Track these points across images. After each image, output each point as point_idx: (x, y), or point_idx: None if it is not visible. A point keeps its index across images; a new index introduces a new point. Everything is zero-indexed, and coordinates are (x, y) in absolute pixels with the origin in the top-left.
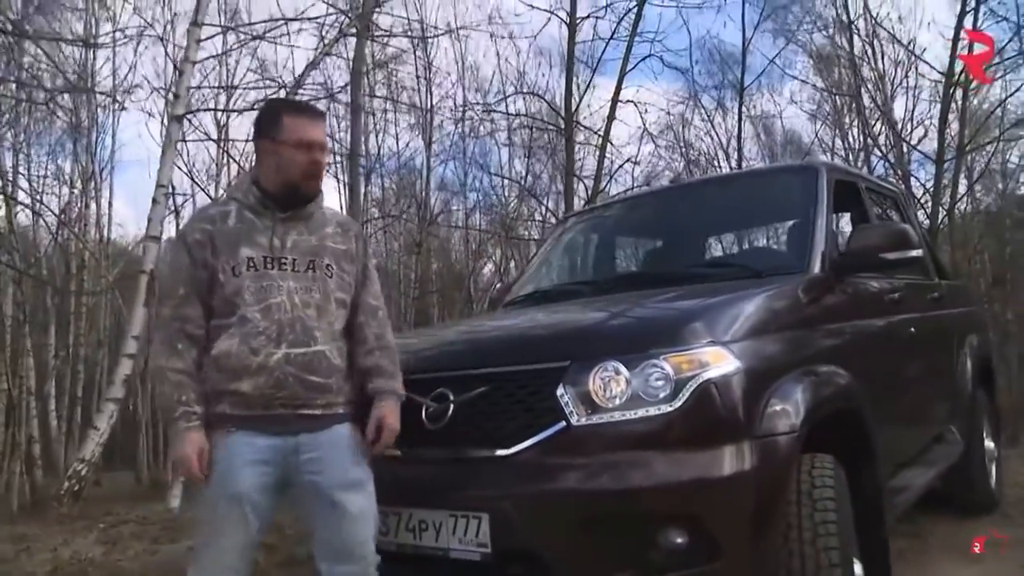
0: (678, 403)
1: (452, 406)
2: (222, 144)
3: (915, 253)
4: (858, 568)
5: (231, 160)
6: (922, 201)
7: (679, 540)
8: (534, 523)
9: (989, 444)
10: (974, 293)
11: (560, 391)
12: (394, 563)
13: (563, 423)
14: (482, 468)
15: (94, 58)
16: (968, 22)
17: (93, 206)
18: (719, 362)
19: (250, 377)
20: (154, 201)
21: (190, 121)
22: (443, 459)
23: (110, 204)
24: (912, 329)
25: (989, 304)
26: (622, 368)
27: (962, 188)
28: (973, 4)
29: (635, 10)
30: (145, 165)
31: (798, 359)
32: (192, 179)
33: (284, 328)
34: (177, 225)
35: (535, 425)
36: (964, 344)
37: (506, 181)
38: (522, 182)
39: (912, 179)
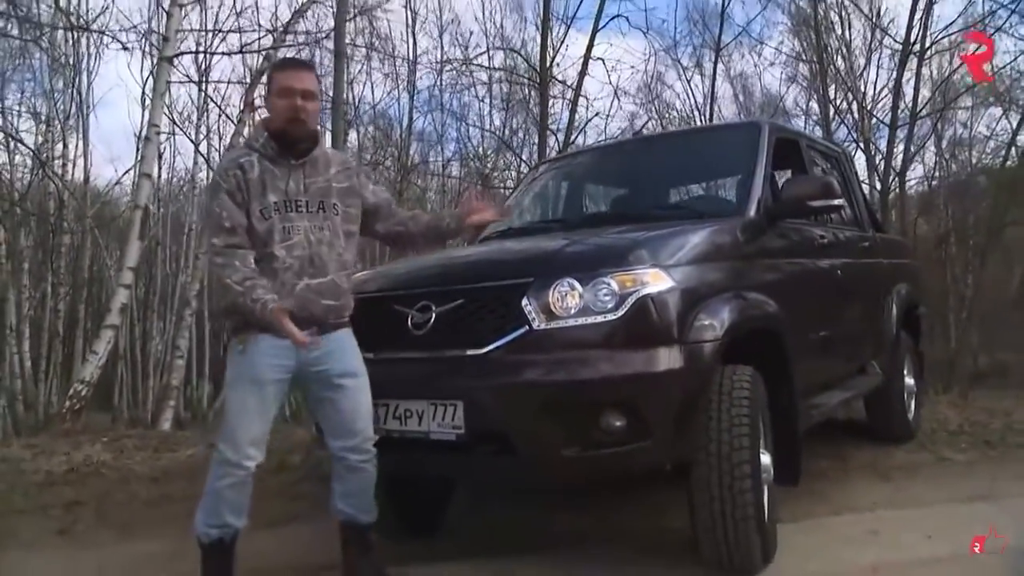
0: (621, 312)
1: (434, 315)
2: (203, 87)
3: (837, 202)
4: (766, 458)
5: (211, 103)
6: (877, 164)
7: (617, 423)
8: (501, 408)
9: (909, 381)
10: (907, 248)
11: (524, 302)
12: (383, 447)
13: (526, 327)
14: (458, 365)
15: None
16: None
17: (72, 145)
18: (657, 281)
19: (281, 301)
20: (146, 139)
21: (171, 64)
22: (425, 359)
23: (86, 143)
24: (839, 272)
25: (943, 265)
26: (576, 284)
27: (930, 156)
28: None
29: None
30: (110, 105)
31: (727, 285)
32: (173, 121)
33: (304, 263)
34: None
35: (503, 329)
36: (892, 291)
37: (483, 134)
38: (499, 134)
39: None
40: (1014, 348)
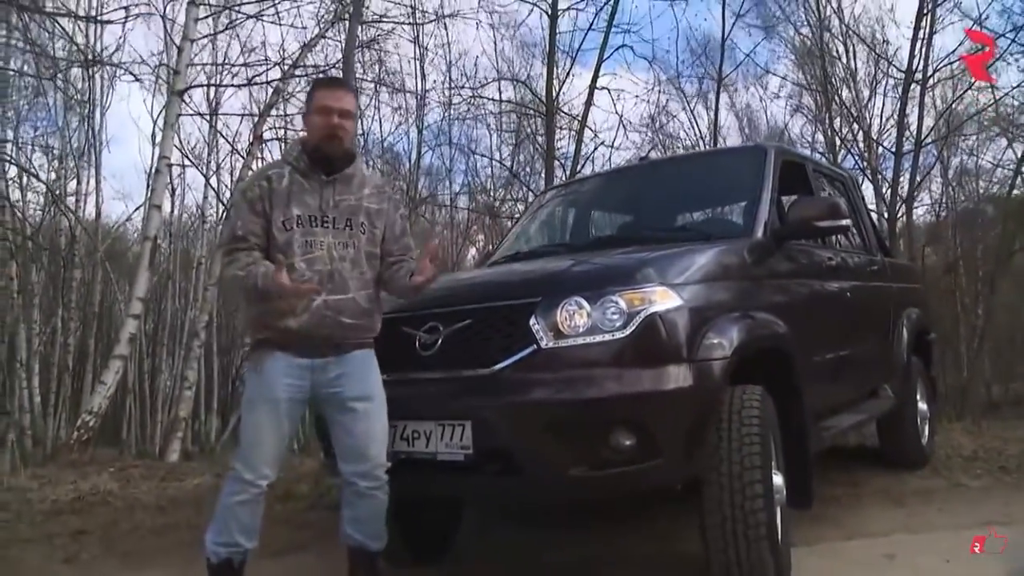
0: (629, 331)
1: (442, 336)
2: (213, 123)
3: (844, 222)
4: (778, 479)
5: (221, 138)
6: (884, 193)
7: (627, 442)
8: (509, 427)
9: (922, 406)
10: (916, 273)
11: (532, 321)
12: (390, 469)
13: (534, 346)
14: (466, 385)
15: (100, 33)
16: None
17: (86, 181)
18: (665, 299)
19: (296, 317)
20: (157, 171)
21: (181, 97)
22: (433, 379)
23: (98, 179)
24: (848, 294)
25: (953, 295)
26: (584, 303)
27: (937, 187)
28: (930, 6)
29: (612, 2)
30: (121, 143)
31: (736, 305)
32: (185, 155)
33: (324, 278)
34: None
35: (511, 349)
36: (902, 315)
37: (492, 168)
38: (508, 166)
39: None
40: None
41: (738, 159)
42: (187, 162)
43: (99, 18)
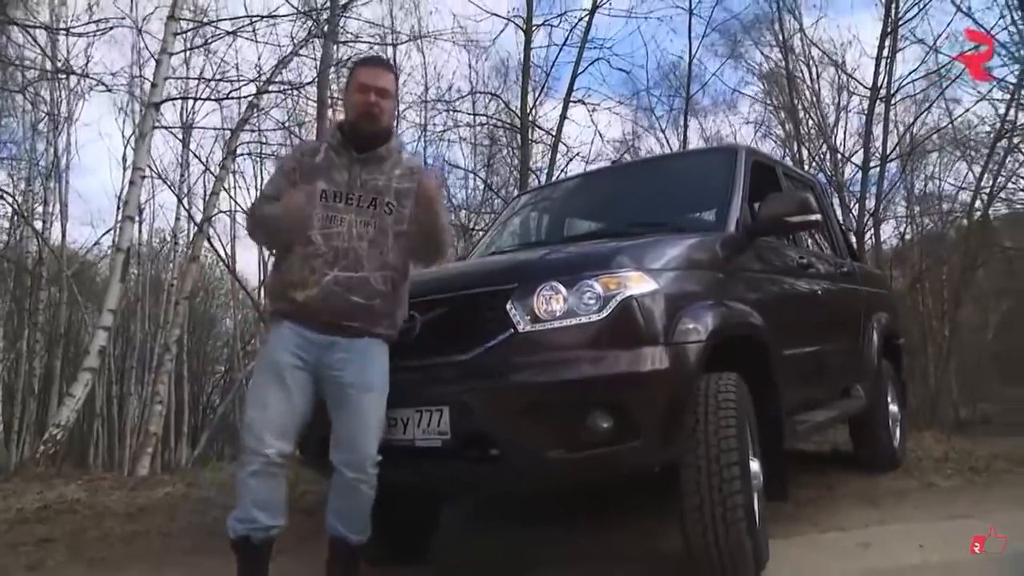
0: (605, 314)
1: (419, 324)
2: (186, 140)
3: (814, 218)
4: (755, 465)
5: (194, 157)
6: (851, 207)
7: (604, 424)
8: (486, 411)
9: (893, 408)
10: (884, 280)
11: (509, 306)
12: None
13: (511, 330)
14: (444, 371)
15: (67, 48)
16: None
17: (53, 203)
18: (640, 283)
19: (305, 289)
20: (131, 183)
21: (157, 110)
22: (411, 367)
23: (64, 200)
24: (819, 292)
25: (919, 313)
26: (560, 287)
27: (902, 210)
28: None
29: (586, 18)
30: (88, 172)
31: (709, 294)
32: (157, 173)
33: (339, 254)
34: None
35: (488, 334)
36: (872, 319)
37: (467, 187)
38: (484, 177)
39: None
40: (995, 399)
41: (710, 158)
42: (159, 178)
43: (70, 30)
